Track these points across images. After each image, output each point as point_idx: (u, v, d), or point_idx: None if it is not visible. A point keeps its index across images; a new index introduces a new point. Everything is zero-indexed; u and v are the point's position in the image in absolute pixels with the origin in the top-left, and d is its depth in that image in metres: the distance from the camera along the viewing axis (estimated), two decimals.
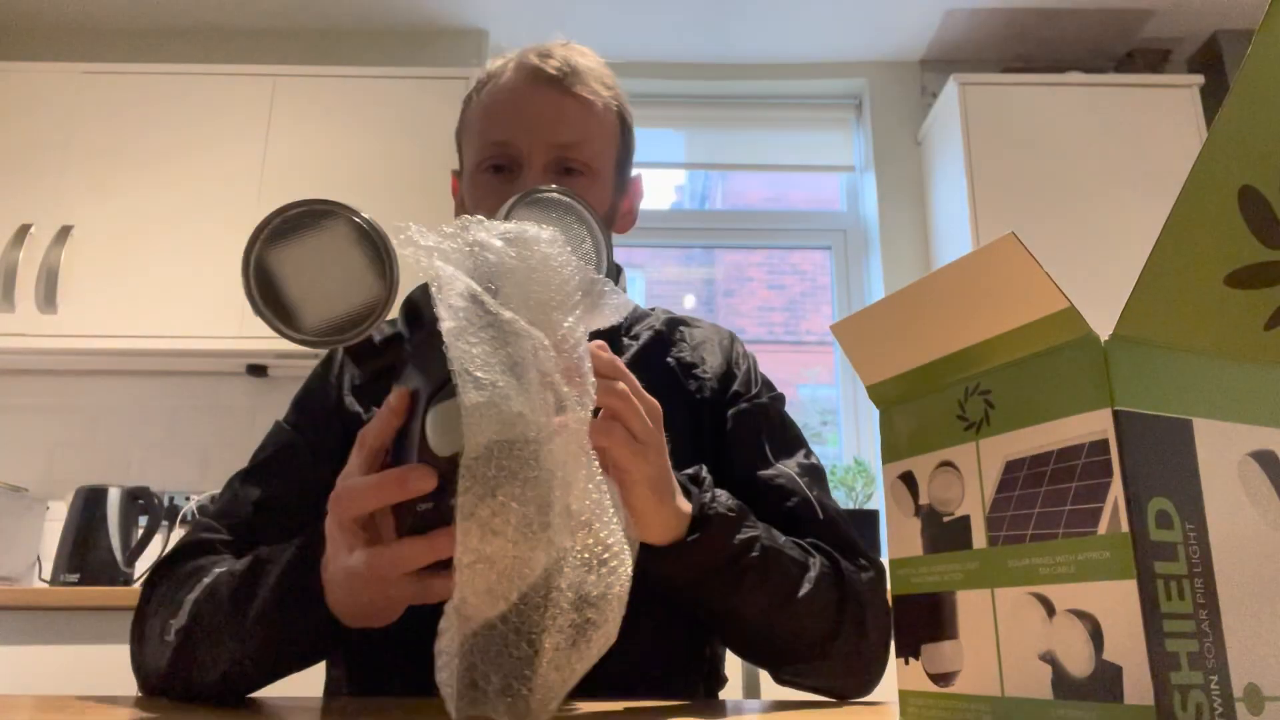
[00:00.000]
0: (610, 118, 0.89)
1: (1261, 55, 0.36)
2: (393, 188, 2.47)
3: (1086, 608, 0.35)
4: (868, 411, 2.80)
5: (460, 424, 0.43)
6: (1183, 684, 0.33)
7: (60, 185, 2.44)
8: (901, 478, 0.46)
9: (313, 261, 0.52)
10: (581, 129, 0.85)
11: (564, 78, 0.85)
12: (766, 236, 3.07)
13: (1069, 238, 2.44)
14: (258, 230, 0.51)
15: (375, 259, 0.52)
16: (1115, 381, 0.35)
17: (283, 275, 0.52)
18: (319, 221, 0.52)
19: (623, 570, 0.47)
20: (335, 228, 0.52)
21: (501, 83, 0.86)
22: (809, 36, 2.91)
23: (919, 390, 0.46)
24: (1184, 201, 0.35)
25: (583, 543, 0.47)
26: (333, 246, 0.52)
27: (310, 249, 0.52)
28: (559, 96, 0.84)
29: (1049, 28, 2.84)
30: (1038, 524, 0.38)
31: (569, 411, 0.46)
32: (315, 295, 0.52)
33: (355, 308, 0.52)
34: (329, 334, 0.52)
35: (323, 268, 0.52)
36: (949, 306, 0.43)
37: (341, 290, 0.52)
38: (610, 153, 0.89)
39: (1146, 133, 2.54)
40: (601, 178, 0.87)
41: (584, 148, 0.85)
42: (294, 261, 0.52)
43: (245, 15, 2.86)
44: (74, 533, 2.18)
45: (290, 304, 0.52)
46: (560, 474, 0.45)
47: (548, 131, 0.83)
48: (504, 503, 0.42)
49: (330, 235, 0.52)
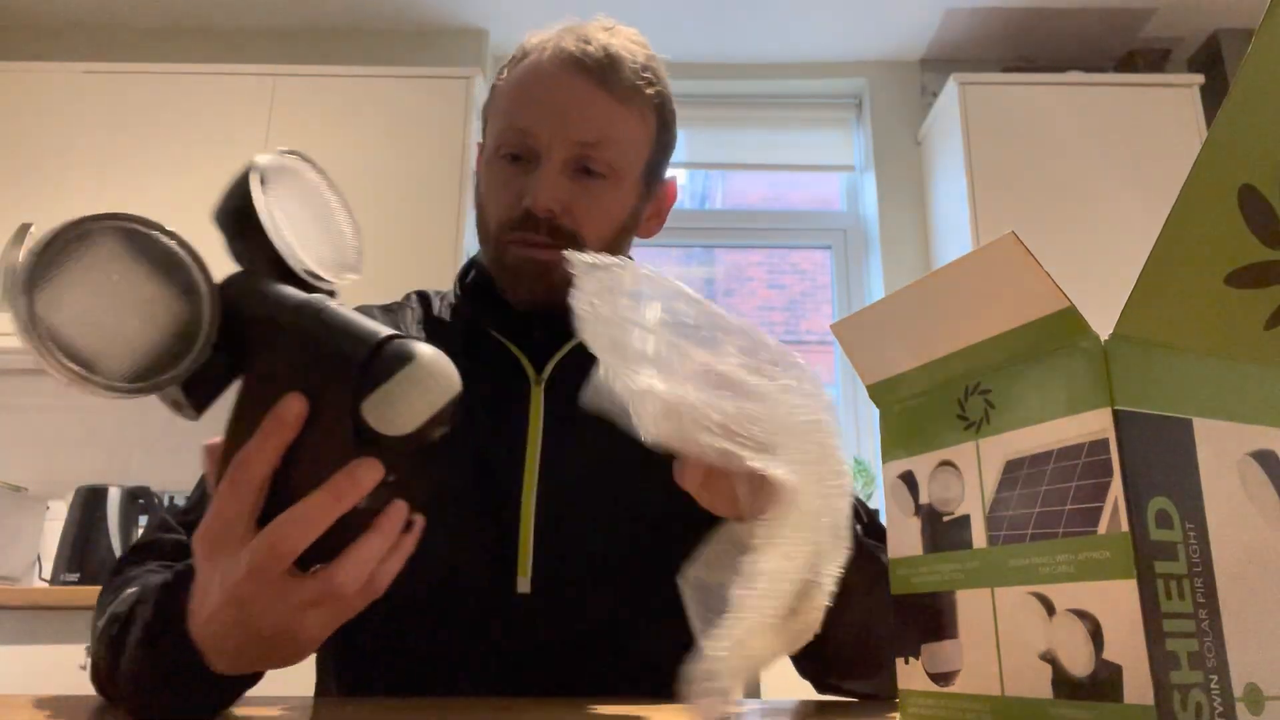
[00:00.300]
0: (647, 116, 0.82)
1: (1261, 55, 0.36)
2: (393, 187, 2.47)
3: (1086, 607, 0.35)
4: (868, 411, 2.80)
5: (417, 395, 0.41)
6: (1183, 683, 0.33)
7: (61, 184, 2.44)
8: (901, 477, 0.46)
9: (91, 296, 0.42)
10: (609, 128, 0.79)
11: (601, 69, 0.78)
12: (767, 236, 3.07)
13: (1069, 237, 2.44)
14: (9, 282, 0.41)
15: (168, 269, 0.43)
16: (1115, 381, 0.35)
17: (65, 324, 0.41)
18: (75, 247, 0.42)
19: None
20: (99, 246, 0.42)
21: (536, 63, 0.80)
22: (809, 36, 2.91)
23: (919, 390, 0.46)
24: (1184, 201, 0.35)
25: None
26: (106, 271, 0.42)
27: (80, 284, 0.42)
28: (591, 89, 0.78)
29: (1049, 27, 2.84)
30: (1038, 523, 0.37)
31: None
32: (111, 335, 0.42)
33: (165, 336, 0.43)
34: (148, 375, 0.43)
35: (109, 300, 0.42)
36: (949, 306, 0.43)
37: (140, 320, 0.43)
38: (640, 155, 0.83)
39: (1147, 132, 2.54)
40: (625, 182, 0.81)
41: (609, 148, 0.79)
42: (69, 304, 0.41)
43: (245, 15, 2.86)
44: (74, 532, 2.18)
45: (88, 355, 0.42)
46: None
47: (572, 126, 0.77)
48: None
49: (96, 257, 0.42)
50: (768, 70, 3.03)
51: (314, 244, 0.52)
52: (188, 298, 0.44)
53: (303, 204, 0.54)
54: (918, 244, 2.85)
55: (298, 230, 0.52)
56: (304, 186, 0.55)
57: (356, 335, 0.43)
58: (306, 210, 0.54)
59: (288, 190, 0.53)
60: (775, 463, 0.44)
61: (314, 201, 0.55)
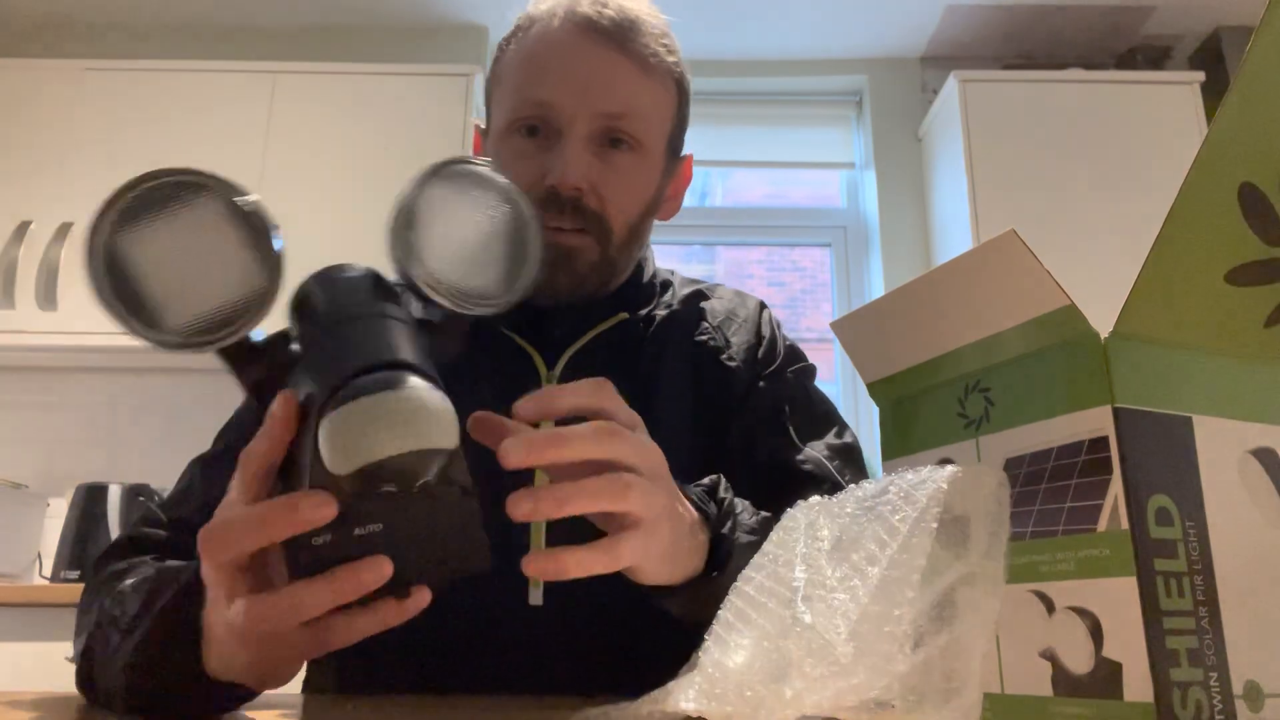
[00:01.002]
0: (668, 86, 0.77)
1: (1262, 52, 0.36)
2: (393, 184, 2.46)
3: (1086, 605, 0.35)
4: (868, 409, 2.80)
5: (367, 432, 0.36)
6: (1182, 681, 0.33)
7: (60, 182, 2.44)
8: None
9: (177, 246, 0.42)
10: (636, 96, 0.73)
11: (621, 33, 0.72)
12: (767, 233, 3.07)
13: (1069, 234, 2.44)
14: (105, 206, 0.41)
15: (255, 244, 0.43)
16: (1115, 379, 0.35)
17: (139, 263, 0.41)
18: (184, 197, 0.42)
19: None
20: (205, 205, 0.43)
21: (547, 29, 0.74)
22: (809, 33, 2.91)
23: (919, 387, 0.46)
24: (1184, 199, 0.35)
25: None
26: (202, 228, 0.42)
27: (174, 231, 0.42)
28: (615, 55, 0.72)
29: (1049, 24, 2.83)
30: (1038, 521, 0.38)
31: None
32: (180, 287, 0.42)
33: (231, 302, 0.42)
34: (197, 334, 0.42)
35: (190, 254, 0.42)
36: (949, 303, 0.43)
37: (214, 281, 0.42)
38: (664, 128, 0.77)
39: (1147, 130, 2.54)
40: (651, 155, 0.76)
41: (637, 119, 0.73)
42: (154, 246, 0.42)
43: (245, 12, 2.86)
44: (74, 529, 2.18)
45: (149, 299, 0.42)
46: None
47: (598, 97, 0.71)
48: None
49: (199, 214, 0.42)
50: (768, 67, 3.02)
51: (465, 264, 0.48)
52: (262, 271, 0.43)
53: (482, 226, 0.49)
54: (918, 241, 2.84)
55: (454, 244, 0.48)
56: (497, 210, 0.50)
57: (359, 352, 0.40)
58: (481, 233, 0.49)
59: (473, 204, 0.50)
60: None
61: (500, 231, 0.50)
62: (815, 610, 0.36)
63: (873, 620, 0.34)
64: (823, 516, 0.41)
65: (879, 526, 0.37)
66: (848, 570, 0.37)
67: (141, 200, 0.42)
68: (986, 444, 0.41)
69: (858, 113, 3.09)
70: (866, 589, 0.36)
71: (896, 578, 0.35)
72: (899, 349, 0.47)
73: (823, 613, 0.36)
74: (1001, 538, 0.34)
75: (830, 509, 0.41)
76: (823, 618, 0.36)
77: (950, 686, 0.32)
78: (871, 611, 0.35)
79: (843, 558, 0.38)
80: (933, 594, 0.34)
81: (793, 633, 0.36)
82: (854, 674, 0.33)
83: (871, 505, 0.38)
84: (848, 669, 0.34)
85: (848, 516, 0.39)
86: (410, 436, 0.36)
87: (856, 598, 0.36)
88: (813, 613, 0.36)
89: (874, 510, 0.38)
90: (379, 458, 0.36)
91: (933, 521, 0.35)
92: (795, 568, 0.39)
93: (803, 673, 0.34)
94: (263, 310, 0.43)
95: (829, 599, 0.37)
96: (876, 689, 0.32)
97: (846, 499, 0.40)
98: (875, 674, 0.33)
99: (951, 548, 0.35)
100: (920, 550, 0.35)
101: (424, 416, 0.37)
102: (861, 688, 0.33)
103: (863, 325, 0.49)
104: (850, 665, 0.34)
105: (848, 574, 0.37)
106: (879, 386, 0.49)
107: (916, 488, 0.37)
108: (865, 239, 2.98)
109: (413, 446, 0.37)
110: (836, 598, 0.36)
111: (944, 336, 0.44)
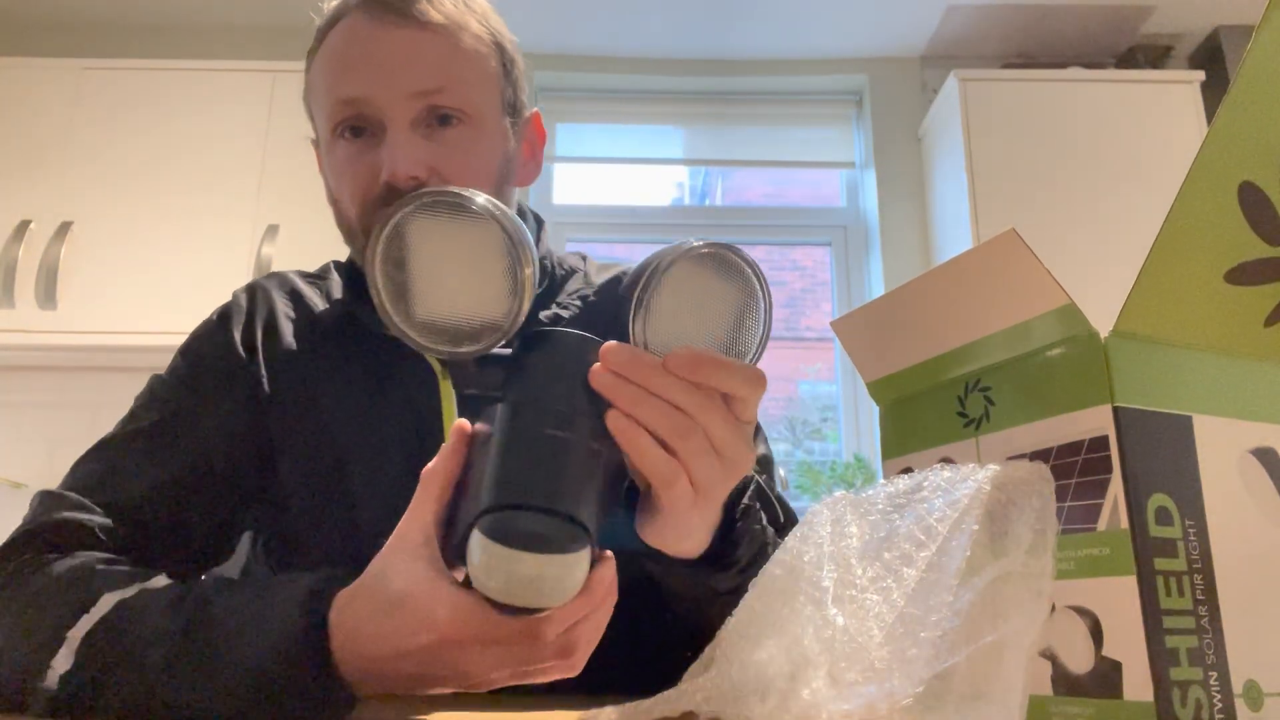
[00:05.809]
0: (483, 47, 0.73)
1: (1262, 52, 0.36)
2: None
3: (1086, 604, 0.35)
4: (868, 408, 2.80)
5: (495, 576, 0.39)
6: (1182, 680, 0.33)
7: (60, 181, 2.44)
8: (902, 474, 0.46)
9: (453, 251, 0.45)
10: (447, 67, 0.70)
11: (411, 5, 0.69)
12: (767, 233, 3.07)
13: (1069, 234, 2.44)
14: (412, 195, 0.45)
15: (511, 276, 0.45)
16: (1115, 378, 0.35)
17: (417, 251, 0.45)
18: (474, 215, 0.45)
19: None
20: (488, 228, 0.45)
21: (339, 26, 0.72)
22: (809, 32, 2.91)
23: (919, 387, 0.46)
24: (1184, 198, 0.35)
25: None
26: (479, 245, 0.46)
27: (457, 237, 0.45)
28: (411, 31, 0.69)
29: (1050, 23, 2.83)
30: None
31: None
32: (441, 286, 0.45)
33: (475, 318, 0.45)
34: (433, 333, 0.46)
35: (461, 262, 0.45)
36: (949, 303, 0.43)
37: (470, 293, 0.45)
38: (492, 91, 0.73)
39: (1147, 129, 2.54)
40: (487, 125, 0.72)
41: (455, 91, 0.69)
42: (436, 241, 0.45)
43: (245, 11, 2.85)
44: None
45: (408, 285, 0.45)
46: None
47: (407, 78, 0.68)
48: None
49: (480, 233, 0.46)
50: (768, 66, 3.02)
51: (696, 335, 0.50)
52: (510, 301, 0.45)
53: (722, 301, 0.52)
54: (918, 241, 2.84)
55: (682, 312, 0.50)
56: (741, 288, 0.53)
57: (532, 480, 0.42)
58: (713, 311, 0.52)
59: (713, 282, 0.53)
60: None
61: (744, 312, 0.53)
62: (847, 612, 0.36)
63: (908, 623, 0.34)
64: (850, 513, 0.40)
65: (915, 525, 0.36)
66: (880, 570, 0.37)
67: (443, 200, 0.45)
68: (987, 443, 0.41)
69: (858, 112, 3.09)
70: (902, 590, 0.35)
71: (934, 580, 0.34)
72: (899, 348, 0.47)
73: (855, 614, 0.36)
74: (1048, 535, 0.33)
75: (859, 505, 0.40)
76: (855, 620, 0.36)
77: (991, 690, 0.31)
78: (907, 614, 0.34)
79: (874, 556, 0.37)
80: (973, 595, 0.33)
81: (823, 635, 0.36)
82: (888, 678, 0.33)
83: (905, 502, 0.38)
84: (881, 673, 0.33)
85: (878, 513, 0.39)
86: (532, 596, 0.40)
87: (890, 599, 0.35)
88: (844, 614, 0.36)
89: (908, 508, 0.38)
90: (501, 601, 0.41)
91: (974, 524, 0.34)
92: (823, 567, 0.39)
93: (835, 677, 0.34)
94: (494, 339, 0.45)
95: (861, 599, 0.36)
96: (911, 694, 0.32)
97: (877, 495, 0.40)
98: (910, 679, 0.32)
99: (993, 546, 0.34)
100: (960, 552, 0.34)
101: (550, 588, 0.40)
102: (896, 693, 0.32)
103: (863, 324, 0.49)
104: (884, 669, 0.33)
105: (880, 574, 0.36)
106: (879, 386, 0.49)
107: (956, 485, 0.36)
108: (865, 238, 2.98)
109: (533, 604, 0.41)
110: (869, 599, 0.36)
111: (944, 336, 0.44)
